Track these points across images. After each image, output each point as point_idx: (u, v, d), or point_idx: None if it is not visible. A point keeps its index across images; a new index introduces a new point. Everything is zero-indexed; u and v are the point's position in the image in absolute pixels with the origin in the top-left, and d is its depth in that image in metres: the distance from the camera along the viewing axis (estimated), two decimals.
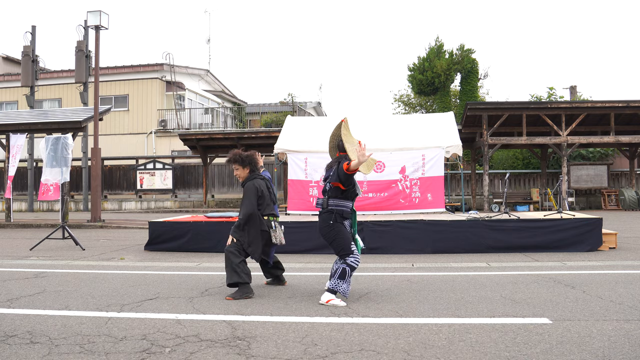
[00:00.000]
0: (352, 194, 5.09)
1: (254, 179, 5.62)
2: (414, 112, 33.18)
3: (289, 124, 13.31)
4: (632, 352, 3.47)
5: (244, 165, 5.65)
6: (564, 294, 5.25)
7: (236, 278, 5.29)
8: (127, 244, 10.60)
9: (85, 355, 3.52)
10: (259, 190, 5.54)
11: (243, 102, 35.11)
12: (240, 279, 5.29)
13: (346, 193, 5.05)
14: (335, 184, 5.00)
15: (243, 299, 5.22)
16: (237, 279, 5.29)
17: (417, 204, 11.35)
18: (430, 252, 8.62)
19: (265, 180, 5.74)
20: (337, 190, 5.02)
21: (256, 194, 5.51)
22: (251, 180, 5.60)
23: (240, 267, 5.33)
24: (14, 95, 29.56)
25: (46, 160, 11.07)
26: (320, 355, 3.47)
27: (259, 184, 5.58)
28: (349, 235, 5.07)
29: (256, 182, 5.58)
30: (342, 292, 4.92)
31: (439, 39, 33.28)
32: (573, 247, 8.54)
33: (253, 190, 5.51)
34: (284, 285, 5.94)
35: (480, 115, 19.31)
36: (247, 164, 5.66)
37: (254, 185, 5.54)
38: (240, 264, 5.34)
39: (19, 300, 5.26)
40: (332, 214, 5.00)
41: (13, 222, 15.21)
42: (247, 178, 5.66)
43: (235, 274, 5.29)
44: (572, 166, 21.55)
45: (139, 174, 23.49)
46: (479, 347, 3.61)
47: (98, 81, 16.29)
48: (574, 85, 30.50)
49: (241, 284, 5.31)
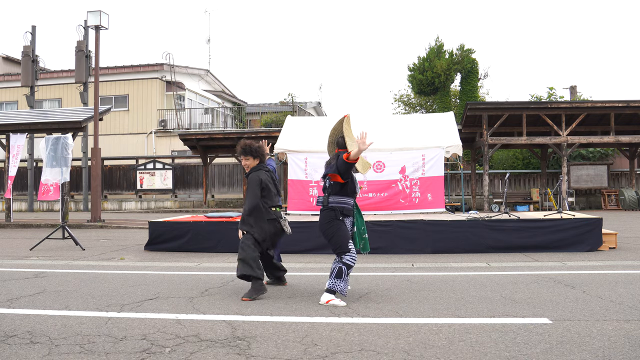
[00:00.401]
0: (352, 190, 5.09)
1: (259, 170, 5.66)
2: (414, 112, 33.17)
3: (289, 124, 13.30)
4: (632, 352, 3.47)
5: (255, 156, 5.68)
6: (564, 294, 5.25)
7: (249, 271, 5.25)
8: (127, 244, 10.60)
9: (85, 355, 3.52)
10: (263, 182, 5.57)
11: (243, 102, 35.12)
12: (253, 272, 5.26)
13: (345, 188, 5.04)
14: (334, 178, 5.01)
15: (258, 298, 5.20)
16: (250, 271, 5.25)
17: (417, 204, 11.34)
18: (430, 252, 8.62)
19: (269, 172, 5.78)
20: (336, 185, 5.03)
21: (260, 185, 5.54)
22: (256, 172, 5.64)
23: (256, 261, 5.34)
24: (14, 95, 29.56)
25: (46, 160, 11.07)
26: (320, 355, 3.47)
27: (263, 176, 5.62)
28: (348, 233, 5.08)
29: (260, 174, 5.62)
30: (340, 290, 4.94)
31: (439, 39, 33.28)
32: (573, 247, 8.54)
33: (257, 181, 5.55)
34: (284, 286, 5.95)
35: (480, 115, 19.31)
36: (257, 156, 5.69)
37: (258, 177, 5.58)
38: (256, 258, 5.37)
39: (19, 300, 5.26)
40: (334, 211, 5.02)
41: (13, 222, 15.21)
42: (252, 169, 5.69)
43: (249, 267, 5.27)
44: (572, 166, 21.55)
45: (139, 174, 23.49)
46: (479, 347, 3.61)
47: (98, 81, 16.28)
48: (574, 85, 30.52)
49: (254, 278, 5.26)
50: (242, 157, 5.71)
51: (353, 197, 5.15)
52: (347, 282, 5.03)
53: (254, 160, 5.67)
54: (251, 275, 5.27)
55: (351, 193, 5.10)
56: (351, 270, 5.12)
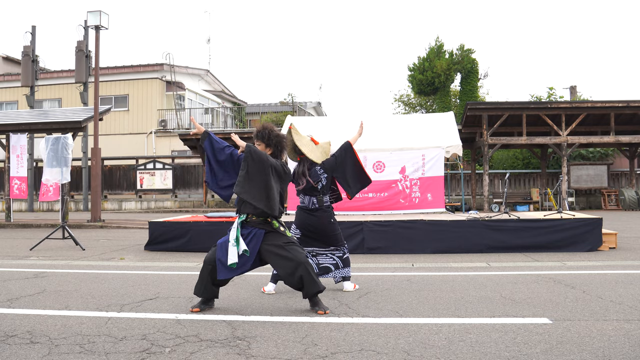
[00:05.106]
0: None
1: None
2: (414, 112, 33.16)
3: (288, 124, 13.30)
4: (632, 352, 3.47)
5: (268, 144, 4.79)
6: (564, 294, 5.25)
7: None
8: (127, 244, 10.60)
9: (85, 355, 3.52)
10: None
11: (243, 102, 35.12)
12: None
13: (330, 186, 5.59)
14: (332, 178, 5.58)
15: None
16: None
17: (417, 204, 11.34)
18: (430, 252, 8.62)
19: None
20: (328, 185, 5.50)
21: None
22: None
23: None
24: (14, 95, 29.57)
25: (46, 160, 11.06)
26: (320, 355, 3.47)
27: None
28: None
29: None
30: (350, 276, 5.62)
31: (439, 39, 33.24)
32: (573, 247, 8.54)
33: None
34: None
35: (480, 115, 19.31)
36: (270, 145, 4.79)
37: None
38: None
39: (19, 300, 5.25)
40: (331, 209, 5.53)
41: (13, 222, 15.21)
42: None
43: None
44: (572, 166, 21.55)
45: (139, 174, 23.49)
46: (479, 347, 3.61)
47: (98, 81, 16.28)
48: (574, 85, 30.54)
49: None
50: (255, 140, 4.84)
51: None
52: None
53: (265, 148, 4.78)
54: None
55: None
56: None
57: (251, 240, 4.59)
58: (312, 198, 5.45)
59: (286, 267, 4.54)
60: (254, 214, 4.63)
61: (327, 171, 5.46)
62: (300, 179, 5.43)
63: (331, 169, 5.48)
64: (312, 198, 5.44)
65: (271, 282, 5.45)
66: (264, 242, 4.61)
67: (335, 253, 5.56)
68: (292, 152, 5.55)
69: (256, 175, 4.54)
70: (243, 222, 4.65)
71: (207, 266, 4.63)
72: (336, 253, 5.56)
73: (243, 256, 4.55)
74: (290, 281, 4.57)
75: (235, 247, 4.51)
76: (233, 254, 4.50)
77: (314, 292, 4.54)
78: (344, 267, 5.56)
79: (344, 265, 5.56)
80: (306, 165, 5.45)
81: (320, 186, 5.42)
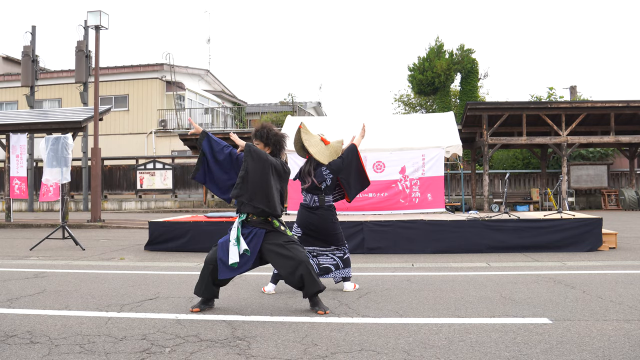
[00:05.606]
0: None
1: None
2: (414, 112, 33.17)
3: (289, 124, 13.30)
4: (632, 352, 3.47)
5: (266, 144, 4.77)
6: (564, 294, 5.25)
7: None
8: (127, 244, 10.60)
9: (85, 355, 3.52)
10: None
11: (243, 102, 35.12)
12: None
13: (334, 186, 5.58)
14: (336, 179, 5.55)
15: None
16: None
17: (417, 204, 11.34)
18: (430, 252, 8.62)
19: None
20: (332, 185, 5.48)
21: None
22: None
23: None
24: (14, 95, 29.57)
25: (46, 160, 11.06)
26: (320, 355, 3.47)
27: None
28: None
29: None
30: (350, 276, 5.65)
31: (439, 39, 33.25)
32: (573, 247, 8.54)
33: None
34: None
35: (480, 115, 19.31)
36: (269, 144, 4.79)
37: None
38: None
39: (19, 300, 5.25)
40: (333, 208, 5.55)
41: (13, 222, 15.21)
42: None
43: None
44: (572, 166, 21.55)
45: (139, 174, 23.49)
46: (479, 347, 3.61)
47: (98, 81, 16.28)
48: (574, 85, 30.55)
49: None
50: (253, 139, 4.82)
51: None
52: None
53: (264, 147, 4.76)
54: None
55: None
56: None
57: (252, 240, 4.59)
58: (314, 196, 5.46)
59: (287, 266, 4.54)
60: (255, 214, 4.64)
61: (333, 172, 5.45)
62: (306, 178, 5.44)
63: (337, 170, 5.46)
64: (314, 196, 5.46)
65: (271, 282, 5.45)
66: (264, 242, 4.61)
67: (336, 253, 5.58)
68: (301, 150, 5.54)
69: (256, 174, 4.54)
70: (243, 222, 4.65)
71: (208, 266, 4.64)
72: (337, 253, 5.58)
73: (244, 256, 4.55)
74: (290, 280, 4.57)
75: (236, 246, 4.52)
76: (234, 253, 4.51)
77: (315, 291, 4.54)
78: (344, 268, 5.58)
79: (345, 265, 5.58)
80: (312, 164, 5.45)
81: (324, 186, 5.43)
